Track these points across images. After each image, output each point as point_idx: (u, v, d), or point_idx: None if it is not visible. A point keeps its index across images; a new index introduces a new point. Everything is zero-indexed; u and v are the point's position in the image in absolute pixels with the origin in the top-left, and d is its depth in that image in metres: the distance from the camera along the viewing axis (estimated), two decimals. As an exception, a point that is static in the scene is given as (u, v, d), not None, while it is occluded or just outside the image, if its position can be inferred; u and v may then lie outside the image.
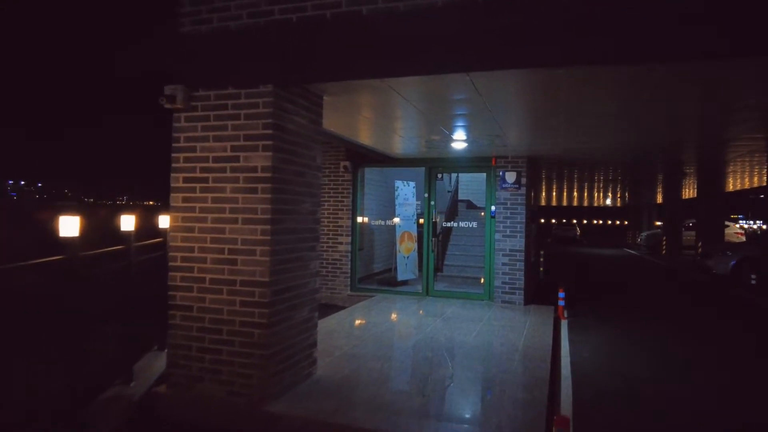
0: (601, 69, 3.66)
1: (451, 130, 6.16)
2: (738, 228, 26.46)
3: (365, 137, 7.17)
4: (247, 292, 3.80)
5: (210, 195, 3.93)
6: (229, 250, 3.85)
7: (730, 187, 16.85)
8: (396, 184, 9.89)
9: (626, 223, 43.47)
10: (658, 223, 30.73)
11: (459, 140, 6.80)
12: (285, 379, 4.00)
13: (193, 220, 3.97)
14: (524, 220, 8.18)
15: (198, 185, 3.97)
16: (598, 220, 47.14)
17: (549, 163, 9.76)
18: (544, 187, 18.26)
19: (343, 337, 5.87)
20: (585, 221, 45.80)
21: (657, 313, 9.06)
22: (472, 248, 11.04)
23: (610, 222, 45.89)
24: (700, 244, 17.60)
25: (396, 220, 9.85)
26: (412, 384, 4.42)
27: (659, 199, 25.55)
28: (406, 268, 9.86)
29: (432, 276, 8.77)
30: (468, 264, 10.82)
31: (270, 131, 3.75)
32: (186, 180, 4.01)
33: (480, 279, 10.09)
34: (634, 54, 3.17)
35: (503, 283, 8.23)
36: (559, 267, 16.03)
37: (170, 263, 4.04)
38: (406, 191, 10.04)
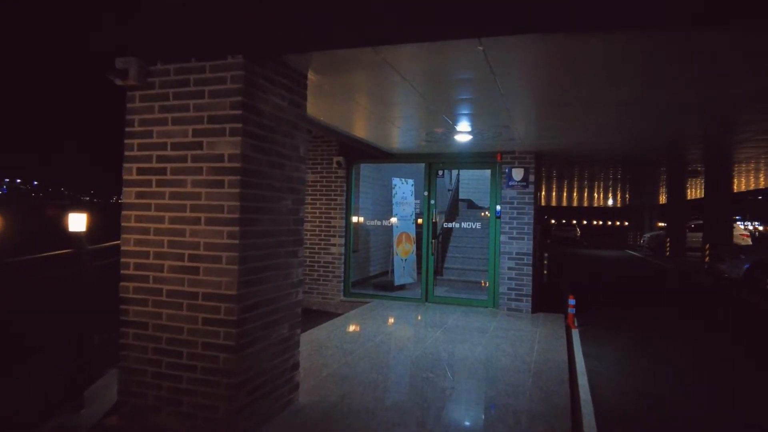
0: (644, 37, 3.02)
1: (455, 120, 5.50)
2: (743, 229, 25.88)
3: (360, 129, 6.51)
4: (211, 308, 3.13)
5: (168, 189, 3.26)
6: (190, 257, 3.18)
7: (735, 188, 16.30)
8: (393, 182, 9.23)
9: (626, 223, 42.95)
10: (661, 225, 30.19)
11: (463, 132, 6.15)
12: (258, 412, 3.33)
13: (148, 220, 3.30)
14: (532, 221, 7.53)
15: (154, 178, 3.30)
16: (597, 221, 46.57)
17: (556, 159, 9.11)
18: (543, 186, 17.63)
19: (333, 352, 5.21)
20: (584, 222, 45.23)
21: (670, 320, 8.42)
22: (473, 250, 10.39)
23: (610, 223, 45.34)
24: (707, 246, 16.99)
25: (393, 220, 9.20)
26: (410, 413, 3.76)
27: (662, 199, 24.98)
28: (403, 272, 9.20)
29: (431, 280, 8.11)
30: (469, 267, 10.17)
31: (239, 112, 3.09)
32: (140, 171, 3.34)
33: (482, 282, 9.45)
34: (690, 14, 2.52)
35: (509, 289, 7.58)
36: (561, 269, 15.41)
37: (122, 271, 3.38)
38: (404, 189, 9.39)
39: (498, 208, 7.71)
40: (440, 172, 8.18)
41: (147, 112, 3.33)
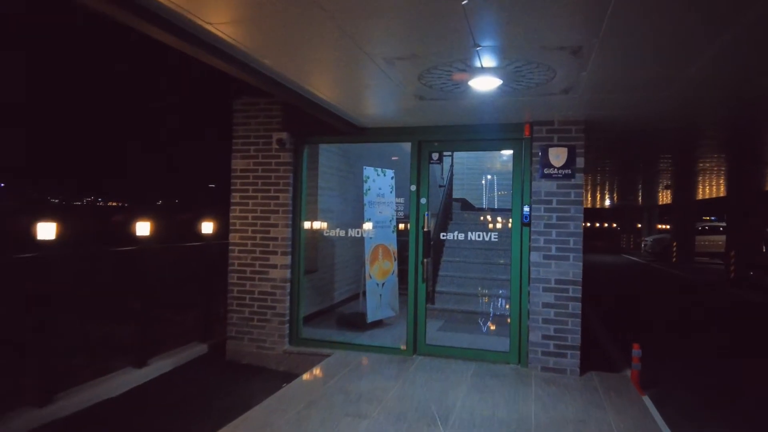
0: None
1: (482, 25, 2.72)
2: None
3: (315, 74, 3.67)
4: None
5: None
6: None
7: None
8: (365, 173, 6.41)
9: (614, 225, 40.92)
10: (660, 226, 28.08)
11: (489, 70, 3.36)
12: None
13: None
14: (580, 229, 4.82)
15: None
16: (584, 222, 44.46)
17: (605, 136, 6.22)
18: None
19: None
20: (571, 223, 42.98)
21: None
22: (475, 267, 7.64)
23: (598, 224, 43.31)
24: (733, 253, 14.65)
25: (366, 226, 6.38)
26: None
27: (662, 198, 22.74)
28: (380, 303, 6.40)
29: (423, 320, 5.32)
30: (470, 291, 7.41)
31: None
32: None
33: (492, 318, 6.74)
34: None
35: (546, 337, 4.84)
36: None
37: None
38: (381, 183, 6.58)
39: (526, 209, 4.97)
40: (434, 156, 5.41)
41: None
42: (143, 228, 5.11)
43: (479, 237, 5.56)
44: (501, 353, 5.12)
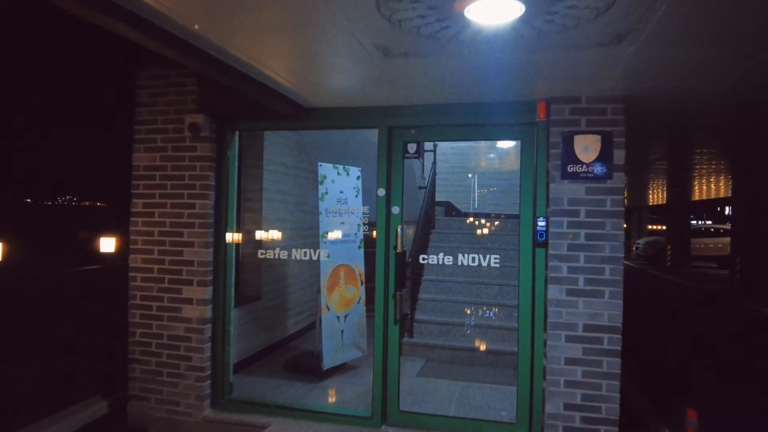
0: None
1: None
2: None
3: (203, 8, 2.15)
4: None
5: None
6: None
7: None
8: (321, 171, 4.87)
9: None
10: (650, 227, 27.11)
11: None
12: None
13: None
14: (620, 253, 3.37)
15: None
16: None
17: (654, 118, 4.64)
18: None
19: None
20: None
21: None
22: (463, 289, 6.19)
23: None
24: (738, 259, 13.49)
25: (322, 242, 4.83)
26: None
27: (653, 199, 21.65)
28: (341, 342, 4.88)
29: (395, 376, 3.81)
30: (456, 319, 5.95)
31: None
32: None
33: (490, 360, 5.32)
34: None
35: (569, 406, 3.38)
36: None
37: None
38: (343, 185, 5.06)
39: (540, 223, 3.51)
40: (410, 148, 3.92)
41: None
42: (-8, 250, 3.52)
43: (475, 261, 4.05)
44: (505, 425, 3.64)
